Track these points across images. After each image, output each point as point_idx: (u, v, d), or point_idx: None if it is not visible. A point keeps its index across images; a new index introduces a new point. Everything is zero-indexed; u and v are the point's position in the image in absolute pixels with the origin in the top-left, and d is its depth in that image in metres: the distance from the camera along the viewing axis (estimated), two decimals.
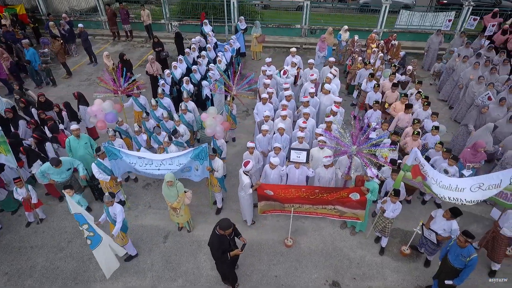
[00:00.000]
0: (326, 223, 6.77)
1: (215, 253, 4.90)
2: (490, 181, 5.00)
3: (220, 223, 4.72)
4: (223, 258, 4.90)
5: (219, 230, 4.72)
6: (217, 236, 4.76)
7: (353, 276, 5.85)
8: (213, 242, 4.82)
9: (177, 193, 5.90)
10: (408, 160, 5.34)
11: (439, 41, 11.78)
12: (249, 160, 5.95)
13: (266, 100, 7.85)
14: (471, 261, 4.75)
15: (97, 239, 5.09)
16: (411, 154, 5.24)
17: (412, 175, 5.40)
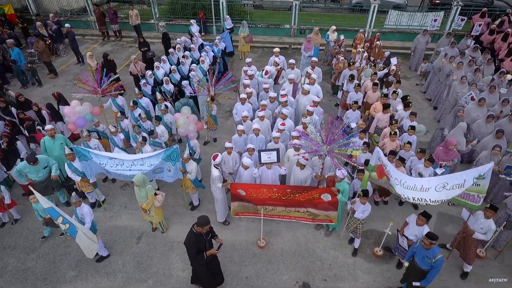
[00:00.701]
0: (300, 224, 6.71)
1: (191, 251, 4.86)
2: (454, 180, 4.98)
3: (198, 220, 4.68)
4: (199, 257, 4.84)
5: (197, 227, 4.68)
6: (194, 234, 4.73)
7: (324, 278, 5.82)
8: (189, 241, 4.77)
9: (146, 195, 5.88)
10: (371, 160, 5.30)
11: (426, 41, 11.73)
12: (217, 154, 5.97)
13: (244, 100, 7.83)
14: (436, 262, 4.72)
15: (73, 229, 5.15)
16: (374, 154, 5.21)
17: (377, 175, 5.37)
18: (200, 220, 4.66)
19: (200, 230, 4.69)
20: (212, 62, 10.76)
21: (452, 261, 6.03)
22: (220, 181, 6.08)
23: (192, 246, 4.78)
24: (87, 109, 7.24)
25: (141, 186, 5.74)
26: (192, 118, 6.86)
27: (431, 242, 4.65)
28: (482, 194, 5.01)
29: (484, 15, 12.42)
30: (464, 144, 7.08)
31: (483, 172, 4.77)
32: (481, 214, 5.27)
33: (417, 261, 4.93)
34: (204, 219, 4.66)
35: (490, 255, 6.15)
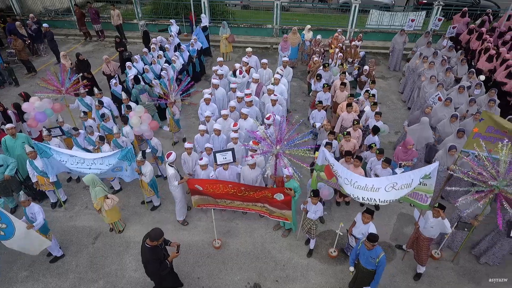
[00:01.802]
0: (259, 224, 6.71)
1: (152, 268, 4.70)
2: (402, 180, 4.94)
3: (149, 234, 4.54)
4: (163, 267, 4.75)
5: (150, 242, 4.53)
6: (149, 249, 4.57)
7: (275, 279, 5.79)
8: (147, 258, 4.61)
9: (94, 194, 5.87)
10: (317, 160, 5.26)
11: (403, 41, 11.68)
12: (171, 152, 5.96)
13: (209, 101, 7.80)
14: (380, 261, 4.69)
15: (10, 231, 5.11)
16: (320, 153, 5.16)
17: (326, 175, 5.33)
18: (152, 234, 4.52)
19: (154, 243, 4.55)
20: (187, 62, 10.76)
21: (407, 262, 5.99)
22: (177, 179, 6.07)
23: (152, 263, 4.65)
24: (47, 104, 7.23)
25: (91, 186, 5.73)
26: (145, 117, 6.81)
27: (372, 244, 4.62)
28: (430, 194, 4.96)
29: (464, 15, 12.35)
30: (431, 137, 7.15)
31: (428, 171, 4.73)
32: (431, 214, 5.22)
33: (362, 263, 4.89)
34: (156, 233, 4.54)
35: (447, 257, 6.10)
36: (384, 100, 10.72)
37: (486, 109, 7.95)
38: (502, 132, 5.83)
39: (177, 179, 6.05)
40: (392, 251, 6.23)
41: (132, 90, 8.42)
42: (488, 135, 5.96)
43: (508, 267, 5.95)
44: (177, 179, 6.06)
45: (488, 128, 5.93)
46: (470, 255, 6.14)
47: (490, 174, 4.90)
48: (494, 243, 5.74)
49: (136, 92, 8.08)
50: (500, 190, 4.80)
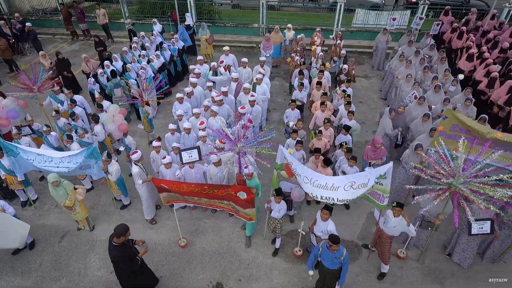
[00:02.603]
0: (228, 223, 6.68)
1: (124, 266, 4.64)
2: (360, 179, 4.92)
3: (115, 231, 4.49)
4: (134, 264, 4.70)
5: (116, 239, 4.48)
6: (118, 247, 4.52)
7: (238, 278, 5.76)
8: (116, 256, 4.55)
9: (65, 192, 5.86)
10: (277, 158, 5.23)
11: (386, 40, 11.63)
12: (136, 150, 5.94)
13: (181, 100, 7.78)
14: (345, 258, 4.67)
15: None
16: (278, 152, 5.13)
17: (287, 174, 5.29)
18: (117, 230, 4.48)
19: (122, 240, 4.51)
20: (169, 61, 10.74)
21: (372, 262, 5.95)
22: (141, 178, 6.05)
23: (122, 260, 4.60)
24: (12, 102, 7.22)
25: (59, 184, 5.73)
26: (117, 117, 6.79)
27: (337, 246, 4.55)
28: (386, 194, 4.94)
29: (447, 13, 12.30)
30: (390, 127, 7.21)
31: (383, 172, 4.70)
32: (391, 213, 5.19)
33: (327, 265, 4.80)
34: (121, 228, 4.50)
35: (413, 256, 6.06)
36: (365, 99, 10.69)
37: (463, 108, 7.94)
38: (467, 131, 5.79)
39: (141, 177, 6.03)
40: (359, 250, 6.20)
41: (108, 83, 8.43)
42: (453, 133, 5.91)
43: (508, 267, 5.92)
44: (142, 178, 6.04)
45: (453, 127, 5.89)
46: (437, 255, 6.11)
47: (447, 172, 4.86)
48: (461, 241, 5.70)
49: (111, 86, 8.10)
50: (456, 188, 4.75)
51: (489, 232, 5.23)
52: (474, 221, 5.20)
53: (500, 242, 5.65)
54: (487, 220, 5.19)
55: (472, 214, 5.17)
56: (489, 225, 5.19)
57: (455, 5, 15.15)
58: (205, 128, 6.76)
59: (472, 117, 7.69)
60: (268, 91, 8.56)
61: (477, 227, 5.21)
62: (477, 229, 5.22)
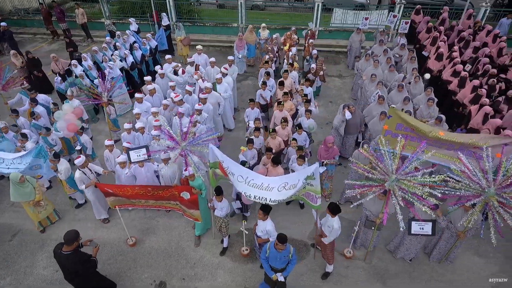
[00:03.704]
0: (180, 222, 6.68)
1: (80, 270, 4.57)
2: (292, 180, 4.90)
3: (64, 239, 4.38)
4: (92, 263, 4.68)
5: (67, 247, 4.40)
6: (70, 255, 4.42)
7: (182, 277, 5.76)
8: (76, 266, 4.48)
9: (32, 187, 5.90)
10: (209, 157, 5.22)
11: (359, 40, 11.61)
12: (80, 155, 5.93)
13: (140, 100, 7.78)
14: (293, 254, 4.67)
15: None
16: (209, 151, 5.12)
17: (222, 172, 5.28)
18: (68, 236, 4.38)
19: (74, 246, 4.45)
20: (140, 61, 10.75)
21: (319, 261, 5.93)
22: (84, 182, 6.02)
23: (83, 266, 4.55)
24: None
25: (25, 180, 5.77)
26: (69, 117, 6.77)
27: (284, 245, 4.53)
28: (318, 195, 4.92)
29: (418, 12, 12.28)
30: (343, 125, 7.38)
31: (310, 172, 4.67)
32: (328, 215, 5.16)
33: (276, 265, 4.76)
34: (72, 234, 4.43)
35: (360, 256, 6.04)
36: (336, 98, 10.67)
37: (425, 108, 7.92)
38: (411, 130, 5.77)
39: (84, 182, 6.00)
40: (307, 250, 6.19)
41: (64, 82, 8.47)
42: (399, 132, 5.90)
43: (454, 267, 5.91)
44: (85, 182, 6.01)
45: (398, 126, 5.88)
46: (384, 254, 6.09)
47: (382, 170, 4.84)
48: (405, 241, 5.69)
49: (67, 85, 8.13)
50: (389, 187, 4.74)
51: (430, 233, 5.21)
52: (414, 221, 5.19)
53: (445, 242, 5.63)
54: (428, 221, 5.17)
55: (413, 214, 5.19)
56: (430, 226, 5.17)
57: (440, 4, 15.09)
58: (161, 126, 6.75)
59: (434, 117, 7.67)
60: (230, 89, 8.55)
61: (417, 227, 5.19)
62: (417, 229, 5.20)
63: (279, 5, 19.54)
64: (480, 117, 7.52)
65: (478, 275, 5.78)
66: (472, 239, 6.13)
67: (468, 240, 6.09)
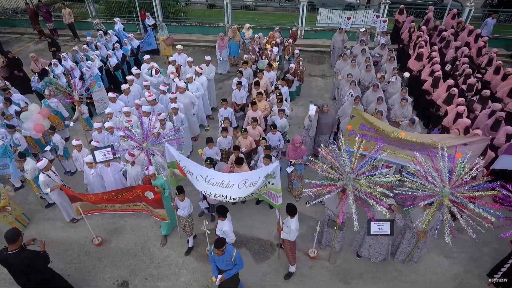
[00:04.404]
0: (148, 222, 6.67)
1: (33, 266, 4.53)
2: (252, 178, 4.88)
3: (6, 239, 4.33)
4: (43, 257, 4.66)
5: (13, 246, 4.35)
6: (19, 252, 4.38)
7: (145, 276, 5.76)
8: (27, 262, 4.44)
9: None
10: (166, 157, 5.21)
11: (342, 40, 11.59)
12: (42, 158, 5.91)
13: (114, 99, 7.77)
14: (236, 259, 4.62)
15: None
16: (166, 151, 5.11)
17: (180, 172, 5.27)
18: (9, 236, 4.34)
19: (19, 243, 4.41)
20: (121, 61, 10.75)
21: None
22: (48, 186, 5.99)
23: (35, 260, 4.53)
24: None
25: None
26: (35, 118, 6.75)
27: (219, 250, 4.53)
28: (279, 194, 4.91)
29: (402, 12, 12.26)
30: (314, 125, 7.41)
31: (270, 171, 4.66)
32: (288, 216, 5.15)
33: (221, 267, 4.76)
34: (11, 233, 4.37)
35: (325, 256, 6.03)
36: (316, 98, 10.65)
37: (398, 108, 7.90)
38: (375, 130, 5.76)
39: (49, 185, 5.98)
40: (272, 249, 6.18)
41: (41, 82, 8.49)
42: (362, 132, 5.88)
43: (418, 266, 5.90)
44: (49, 185, 5.98)
45: (362, 126, 5.86)
46: (349, 255, 6.07)
47: (339, 169, 4.83)
48: (367, 239, 5.68)
49: (44, 85, 8.16)
50: (345, 186, 4.73)
51: (389, 233, 5.20)
52: (373, 221, 5.18)
53: (407, 241, 5.61)
54: (387, 221, 5.16)
55: (374, 214, 5.18)
56: (388, 226, 5.16)
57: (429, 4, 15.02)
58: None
59: (407, 117, 7.66)
60: (202, 89, 8.55)
61: (377, 228, 5.18)
62: (377, 229, 5.19)
63: (269, 5, 19.54)
64: (452, 116, 7.51)
65: (442, 276, 5.76)
66: (438, 239, 6.09)
67: (435, 240, 6.10)
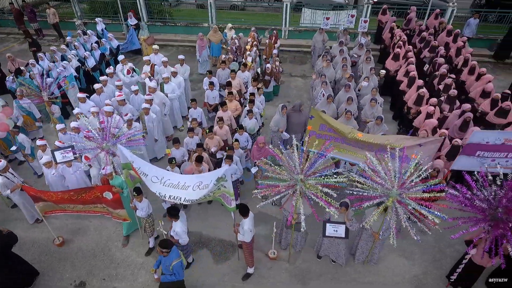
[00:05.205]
0: (112, 223, 6.63)
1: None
2: (205, 180, 4.87)
3: None
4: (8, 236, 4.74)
5: None
6: None
7: (103, 277, 5.74)
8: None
9: None
10: (120, 158, 5.19)
11: (322, 40, 11.57)
12: (0, 160, 5.91)
13: (83, 100, 7.77)
14: (174, 268, 4.60)
15: None
16: (119, 151, 5.09)
17: (135, 174, 5.25)
18: None
19: None
20: (99, 61, 10.76)
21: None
22: (8, 187, 5.97)
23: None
24: None
25: None
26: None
27: (161, 250, 4.53)
28: (232, 197, 4.91)
29: (385, 12, 12.23)
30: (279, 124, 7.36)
31: (221, 174, 4.64)
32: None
33: (163, 270, 4.78)
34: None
35: (285, 256, 6.00)
36: (294, 98, 10.61)
37: (368, 108, 7.87)
38: (334, 131, 5.74)
39: (8, 187, 5.95)
40: (233, 250, 6.15)
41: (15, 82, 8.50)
42: (322, 133, 5.86)
43: (377, 267, 5.88)
44: (8, 187, 5.95)
45: (322, 126, 5.84)
46: (310, 255, 6.05)
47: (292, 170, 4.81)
48: (325, 241, 5.65)
49: (17, 84, 8.18)
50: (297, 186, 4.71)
51: (343, 236, 5.17)
52: (329, 223, 5.16)
53: (364, 242, 5.59)
54: (342, 224, 5.13)
55: (329, 215, 5.15)
56: (343, 228, 5.13)
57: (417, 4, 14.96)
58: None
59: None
60: (178, 89, 8.54)
61: (332, 229, 5.16)
62: (332, 231, 5.16)
63: (259, 5, 19.52)
64: (422, 117, 7.48)
65: (402, 278, 5.73)
66: (400, 241, 6.06)
67: (397, 242, 6.03)
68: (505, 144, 5.03)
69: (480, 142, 5.07)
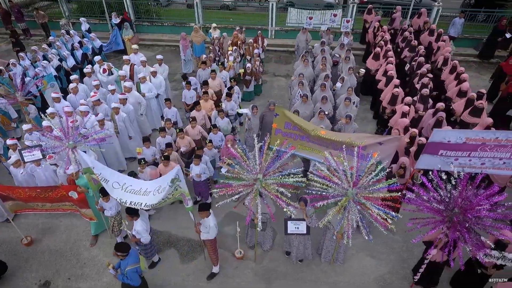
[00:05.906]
0: (82, 222, 6.62)
1: None
2: (163, 183, 4.85)
3: None
4: None
5: None
6: None
7: (69, 277, 5.74)
8: None
9: None
10: (81, 163, 5.18)
11: (305, 39, 11.55)
12: None
13: (58, 100, 7.76)
14: (128, 273, 4.53)
15: None
16: (79, 156, 5.08)
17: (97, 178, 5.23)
18: None
19: None
20: (81, 60, 10.77)
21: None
22: None
23: None
24: None
25: None
26: None
27: (117, 253, 4.50)
28: (188, 197, 4.92)
29: (370, 12, 12.22)
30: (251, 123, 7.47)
31: (174, 175, 4.62)
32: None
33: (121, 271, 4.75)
34: None
35: (252, 256, 5.99)
36: (275, 98, 10.57)
37: (343, 107, 7.86)
38: (299, 129, 5.73)
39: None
40: (201, 250, 6.13)
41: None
42: (288, 131, 5.85)
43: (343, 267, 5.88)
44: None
45: (287, 124, 5.83)
46: (278, 255, 6.04)
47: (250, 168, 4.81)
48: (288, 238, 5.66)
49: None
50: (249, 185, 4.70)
51: (305, 232, 5.17)
52: (290, 221, 5.16)
53: (329, 241, 5.58)
54: (302, 221, 5.13)
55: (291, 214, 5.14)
56: (304, 225, 5.14)
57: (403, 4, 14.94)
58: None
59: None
60: (155, 89, 8.54)
61: (293, 227, 5.16)
62: (293, 228, 5.16)
63: (250, 5, 19.51)
64: (397, 116, 7.46)
65: (367, 277, 5.72)
66: (367, 241, 6.04)
67: (364, 242, 6.02)
68: (466, 143, 5.00)
69: (442, 141, 5.03)
